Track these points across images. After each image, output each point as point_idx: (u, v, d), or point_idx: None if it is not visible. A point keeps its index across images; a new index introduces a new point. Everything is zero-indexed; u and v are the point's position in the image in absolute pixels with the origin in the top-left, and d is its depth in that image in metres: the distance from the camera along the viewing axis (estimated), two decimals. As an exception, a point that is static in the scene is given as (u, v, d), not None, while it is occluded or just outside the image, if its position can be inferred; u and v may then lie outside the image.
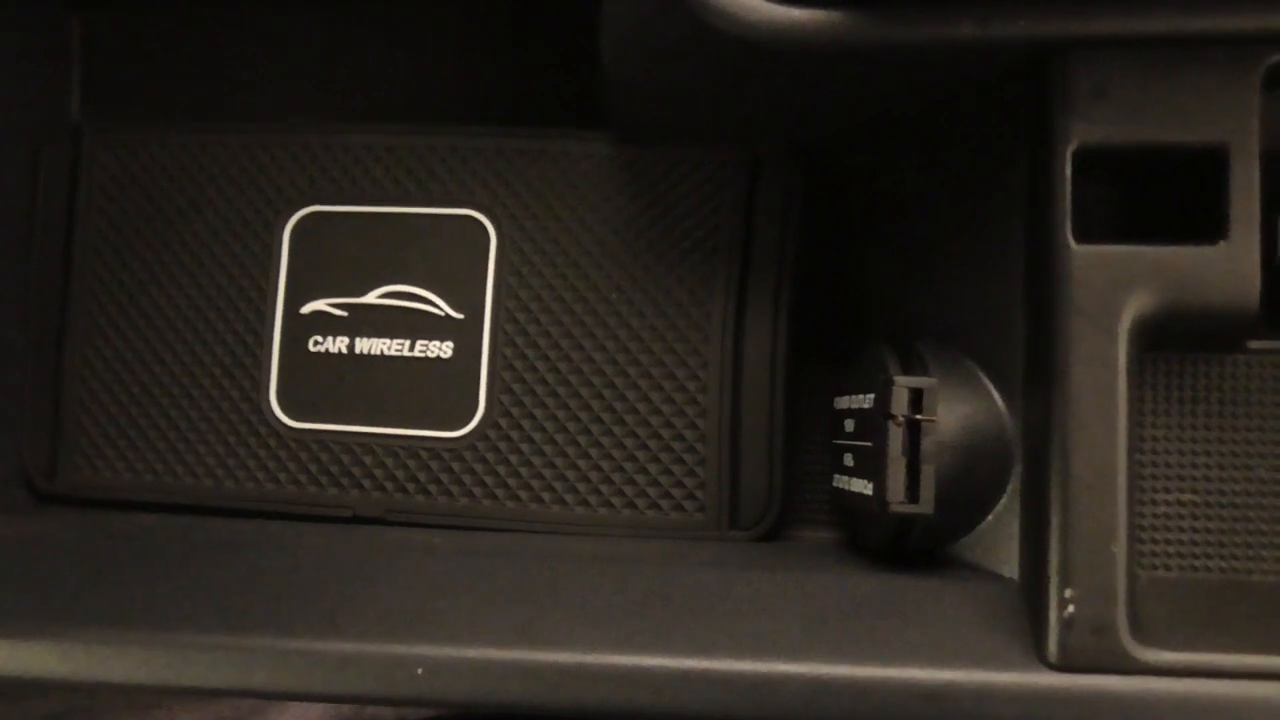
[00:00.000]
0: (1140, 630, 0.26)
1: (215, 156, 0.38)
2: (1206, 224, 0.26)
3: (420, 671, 0.28)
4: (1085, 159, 0.26)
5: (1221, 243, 0.26)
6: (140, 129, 0.39)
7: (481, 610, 0.29)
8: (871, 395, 0.30)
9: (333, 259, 0.37)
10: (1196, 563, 0.29)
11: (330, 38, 0.40)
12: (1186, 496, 0.29)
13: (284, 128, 0.38)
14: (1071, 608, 0.26)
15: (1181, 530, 0.29)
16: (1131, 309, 0.26)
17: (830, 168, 0.36)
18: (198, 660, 0.29)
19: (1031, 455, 0.28)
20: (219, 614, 0.30)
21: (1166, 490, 0.29)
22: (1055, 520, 0.26)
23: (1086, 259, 0.26)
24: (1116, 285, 0.26)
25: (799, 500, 0.36)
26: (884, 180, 0.35)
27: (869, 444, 0.30)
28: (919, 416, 0.28)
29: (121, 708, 0.46)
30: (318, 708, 0.47)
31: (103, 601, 0.30)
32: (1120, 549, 0.26)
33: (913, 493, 0.28)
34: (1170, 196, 0.28)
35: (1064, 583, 0.26)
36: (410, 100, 0.40)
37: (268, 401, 0.37)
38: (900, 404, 0.28)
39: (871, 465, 0.30)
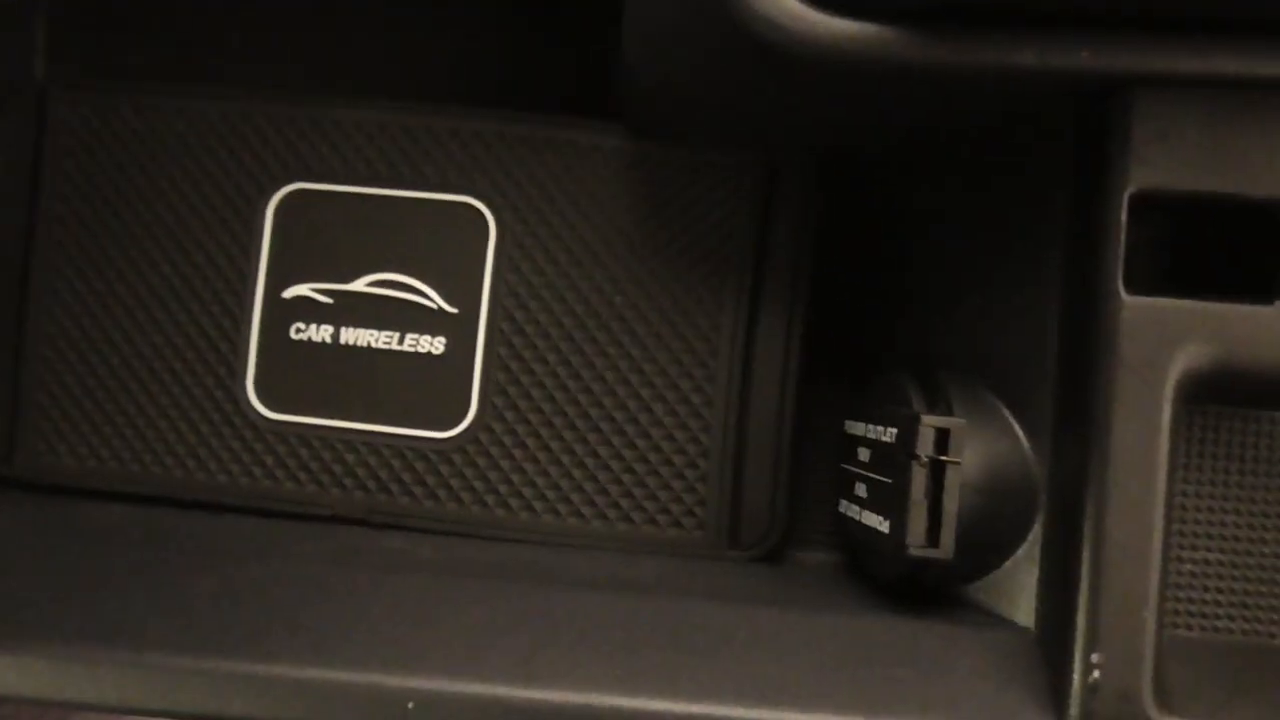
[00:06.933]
0: (1163, 695, 0.25)
1: (194, 125, 0.35)
2: (1263, 282, 0.25)
3: (411, 706, 0.26)
4: (1140, 204, 0.25)
5: (1278, 302, 0.25)
6: (112, 92, 0.36)
7: (476, 640, 0.27)
8: (892, 429, 0.29)
9: (319, 241, 0.35)
10: (1219, 624, 0.28)
11: (322, 4, 0.37)
12: (1213, 555, 0.28)
13: (270, 97, 0.35)
14: (1097, 673, 0.25)
15: (1205, 590, 0.28)
16: (1180, 364, 0.25)
17: (854, 181, 0.34)
18: (170, 684, 0.27)
19: (1060, 507, 0.27)
20: (193, 631, 0.28)
21: (1194, 548, 0.28)
22: (1085, 580, 0.25)
23: (1137, 310, 0.25)
24: (1166, 339, 0.25)
25: (800, 521, 0.35)
26: (911, 200, 0.33)
27: (887, 480, 0.29)
28: (944, 458, 0.27)
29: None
30: None
31: (67, 611, 0.28)
32: (1151, 614, 0.25)
33: (933, 536, 0.27)
34: (1225, 247, 0.26)
35: (1090, 646, 0.25)
36: (407, 76, 0.37)
37: (244, 390, 0.35)
38: (925, 444, 0.27)
39: (889, 502, 0.28)
